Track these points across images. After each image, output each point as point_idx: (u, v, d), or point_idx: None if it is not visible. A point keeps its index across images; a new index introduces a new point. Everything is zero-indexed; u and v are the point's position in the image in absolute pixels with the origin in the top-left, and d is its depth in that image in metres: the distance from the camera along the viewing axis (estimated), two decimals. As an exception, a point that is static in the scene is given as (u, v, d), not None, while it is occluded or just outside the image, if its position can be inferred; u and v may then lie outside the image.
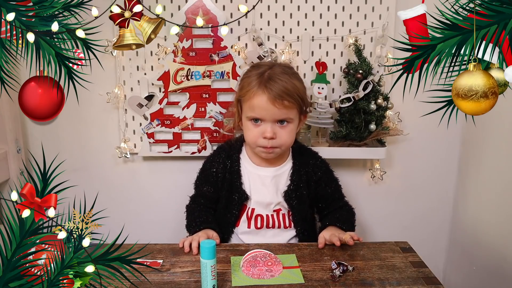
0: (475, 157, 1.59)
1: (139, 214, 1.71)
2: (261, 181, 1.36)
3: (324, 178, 1.40)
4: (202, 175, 1.42)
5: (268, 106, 1.24)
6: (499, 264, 1.39)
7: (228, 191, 1.35)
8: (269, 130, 1.26)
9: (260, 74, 1.27)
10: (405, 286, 1.03)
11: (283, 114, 1.26)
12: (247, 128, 1.31)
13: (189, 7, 1.48)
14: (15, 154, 1.55)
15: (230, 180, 1.36)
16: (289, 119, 1.28)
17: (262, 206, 1.35)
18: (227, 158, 1.38)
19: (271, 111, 1.25)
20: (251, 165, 1.37)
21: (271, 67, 1.29)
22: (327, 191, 1.40)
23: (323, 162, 1.43)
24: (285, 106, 1.24)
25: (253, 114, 1.27)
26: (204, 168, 1.43)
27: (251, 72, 1.31)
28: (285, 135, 1.28)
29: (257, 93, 1.25)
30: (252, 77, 1.28)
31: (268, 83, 1.24)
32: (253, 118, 1.28)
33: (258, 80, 1.26)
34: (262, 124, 1.28)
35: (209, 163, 1.42)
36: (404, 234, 1.45)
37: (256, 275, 1.07)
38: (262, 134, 1.27)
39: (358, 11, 1.53)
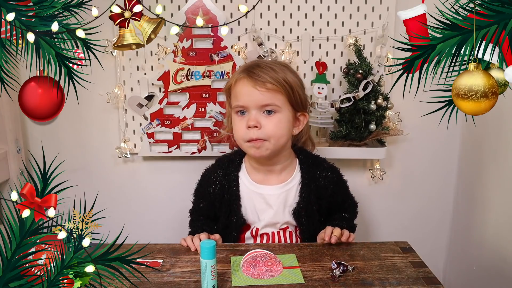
0: (475, 157, 1.59)
1: (139, 214, 1.71)
2: (264, 201, 1.27)
3: (335, 189, 1.32)
4: (200, 190, 1.35)
5: (250, 90, 1.17)
6: (499, 264, 1.39)
7: (226, 213, 1.28)
8: (252, 118, 1.17)
9: (248, 64, 1.24)
10: (405, 286, 1.03)
11: (267, 99, 1.17)
12: (235, 123, 1.23)
13: (189, 7, 1.48)
14: (15, 154, 1.55)
15: (228, 202, 1.28)
16: (275, 106, 1.18)
17: (266, 225, 1.28)
18: (224, 177, 1.29)
19: (253, 95, 1.17)
20: (253, 184, 1.28)
21: (262, 60, 1.27)
22: (338, 200, 1.34)
23: (335, 172, 1.34)
24: (268, 89, 1.16)
25: (236, 103, 1.20)
26: (201, 183, 1.35)
27: (240, 67, 1.29)
28: (271, 124, 1.18)
29: (239, 78, 1.20)
30: (240, 68, 1.25)
31: (253, 69, 1.19)
32: (238, 108, 1.20)
33: (243, 67, 1.22)
34: (247, 114, 1.20)
35: (206, 180, 1.33)
36: (404, 234, 1.45)
37: (256, 275, 1.06)
38: (247, 124, 1.18)
39: (358, 11, 1.53)
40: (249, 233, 1.30)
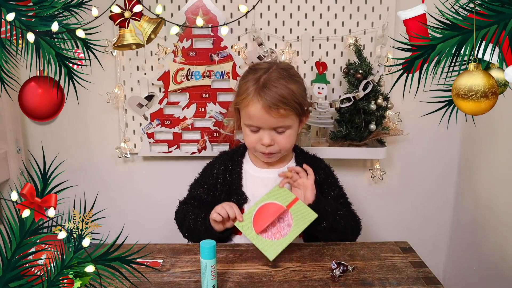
0: (475, 157, 1.59)
1: (139, 214, 1.71)
2: (263, 183, 1.30)
3: (327, 180, 1.36)
4: (201, 177, 1.40)
5: (264, 115, 1.21)
6: (499, 264, 1.39)
7: (227, 194, 1.32)
8: (266, 137, 1.24)
9: (256, 80, 1.23)
10: (405, 286, 1.03)
11: (279, 122, 1.23)
12: (246, 134, 1.29)
13: (189, 7, 1.48)
14: (15, 154, 1.55)
15: (230, 182, 1.33)
16: (287, 126, 1.25)
17: None
18: (229, 161, 1.37)
19: (267, 120, 1.22)
20: (254, 168, 1.34)
21: (268, 71, 1.25)
22: (330, 194, 1.34)
23: (327, 166, 1.40)
24: (281, 114, 1.21)
25: (250, 122, 1.25)
26: (204, 170, 1.41)
27: (247, 77, 1.27)
28: (283, 140, 1.26)
29: (252, 101, 1.22)
30: (248, 83, 1.24)
31: (263, 91, 1.20)
32: (251, 127, 1.26)
33: (254, 87, 1.22)
34: (260, 131, 1.25)
35: (210, 166, 1.40)
36: (404, 234, 1.45)
37: (277, 233, 1.11)
38: (260, 141, 1.25)
39: (358, 11, 1.53)
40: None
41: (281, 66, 1.29)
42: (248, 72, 1.31)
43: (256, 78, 1.24)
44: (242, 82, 1.28)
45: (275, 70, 1.25)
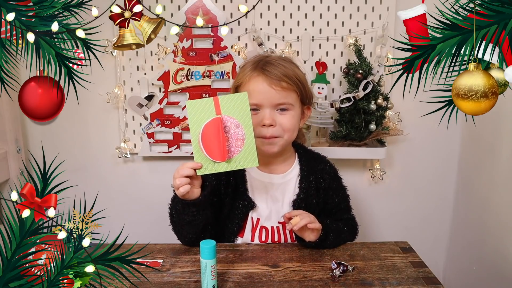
0: (475, 157, 1.59)
1: (139, 214, 1.71)
2: (265, 188, 1.26)
3: (332, 185, 1.30)
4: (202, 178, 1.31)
5: (266, 88, 1.15)
6: (499, 264, 1.39)
7: (232, 198, 1.25)
8: (268, 116, 1.16)
9: (256, 62, 1.20)
10: (405, 286, 1.03)
11: (282, 97, 1.16)
12: None
13: (189, 7, 1.48)
14: (15, 154, 1.55)
15: (235, 186, 1.25)
16: (289, 105, 1.18)
17: (266, 217, 1.25)
18: None
19: (268, 93, 1.15)
20: (256, 172, 1.27)
21: (268, 56, 1.24)
22: (334, 200, 1.30)
23: (332, 168, 1.33)
24: (284, 88, 1.15)
25: (250, 101, 1.12)
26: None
27: (246, 63, 1.24)
28: (286, 121, 1.18)
29: (252, 76, 1.17)
30: (248, 65, 1.21)
31: (265, 66, 1.17)
32: (252, 106, 1.15)
33: (254, 65, 1.19)
34: (260, 111, 1.17)
35: None
36: (404, 234, 1.45)
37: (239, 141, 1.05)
38: (261, 122, 1.17)
39: (358, 11, 1.53)
40: (250, 226, 1.25)
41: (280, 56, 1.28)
42: (247, 61, 1.27)
43: (256, 60, 1.21)
44: (242, 68, 1.24)
45: (275, 56, 1.24)
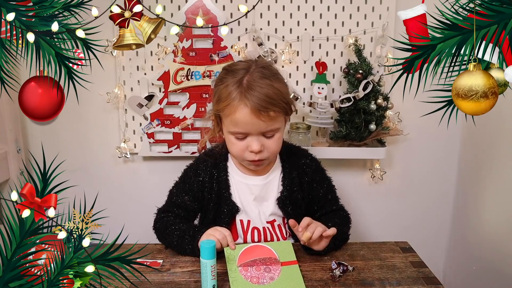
0: (475, 157, 1.59)
1: (139, 214, 1.71)
2: (249, 191, 1.26)
3: (315, 177, 1.30)
4: (184, 183, 1.29)
5: (253, 120, 1.12)
6: (499, 264, 1.39)
7: (216, 204, 1.25)
8: (255, 144, 1.15)
9: (238, 83, 1.13)
10: (405, 286, 1.03)
11: (268, 126, 1.14)
12: (231, 142, 1.19)
13: (189, 7, 1.48)
14: (15, 154, 1.55)
15: (218, 191, 1.25)
16: (276, 129, 1.17)
17: (256, 217, 1.26)
18: (214, 167, 1.27)
19: (256, 124, 1.13)
20: (239, 174, 1.27)
21: (248, 71, 1.15)
22: (319, 192, 1.31)
23: (314, 160, 1.33)
24: (271, 117, 1.13)
25: (237, 129, 1.14)
26: (187, 176, 1.30)
27: (225, 80, 1.16)
28: (272, 145, 1.18)
29: (238, 107, 1.12)
30: (230, 87, 1.14)
31: (249, 94, 1.11)
32: (238, 134, 1.16)
33: (238, 90, 1.12)
34: (248, 138, 1.16)
35: (193, 171, 1.29)
36: (404, 234, 1.45)
37: (255, 278, 1.04)
38: (249, 148, 1.16)
39: (358, 11, 1.53)
40: (240, 230, 1.26)
41: (260, 64, 1.19)
42: (225, 74, 1.19)
43: (237, 81, 1.14)
44: (221, 86, 1.16)
45: (255, 70, 1.15)
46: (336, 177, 1.67)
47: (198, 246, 1.10)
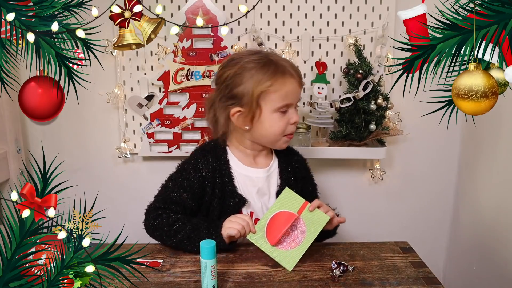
0: (475, 157, 1.59)
1: (139, 214, 1.71)
2: (253, 183, 1.26)
3: (305, 175, 1.36)
4: (182, 179, 1.24)
5: (298, 89, 1.23)
6: (499, 264, 1.39)
7: (221, 198, 1.23)
8: (296, 114, 1.23)
9: (268, 62, 1.19)
10: (405, 286, 1.03)
11: (300, 93, 1.26)
12: (274, 120, 1.20)
13: (189, 7, 1.48)
14: (15, 154, 1.55)
15: (222, 185, 1.23)
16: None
17: (259, 210, 1.26)
18: (215, 160, 1.25)
19: (297, 93, 1.23)
20: (241, 166, 1.27)
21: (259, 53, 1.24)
22: (308, 188, 1.35)
23: (303, 158, 1.39)
24: (302, 84, 1.26)
25: (286, 102, 1.19)
26: (185, 172, 1.24)
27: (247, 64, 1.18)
28: (297, 117, 1.26)
29: (287, 79, 1.19)
30: (265, 67, 1.18)
31: (286, 67, 1.20)
32: (285, 107, 1.20)
33: (273, 66, 1.18)
34: (289, 111, 1.22)
35: (192, 167, 1.24)
36: (404, 234, 1.45)
37: (293, 242, 1.11)
38: (290, 121, 1.22)
39: (358, 11, 1.53)
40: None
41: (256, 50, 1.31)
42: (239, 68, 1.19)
43: (265, 62, 1.19)
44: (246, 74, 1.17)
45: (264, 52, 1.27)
46: (336, 177, 1.67)
47: (223, 237, 1.13)
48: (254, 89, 1.17)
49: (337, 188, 1.69)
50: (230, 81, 1.20)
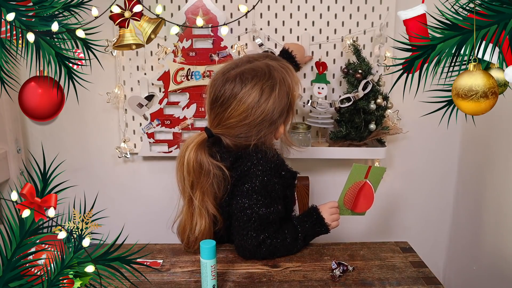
0: (475, 157, 1.59)
1: (139, 214, 1.71)
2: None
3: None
4: (270, 194, 1.15)
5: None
6: (499, 264, 1.39)
7: (292, 197, 1.27)
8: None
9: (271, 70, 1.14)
10: (405, 286, 1.03)
11: None
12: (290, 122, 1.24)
13: (189, 7, 1.48)
14: (15, 154, 1.55)
15: (293, 185, 1.25)
16: None
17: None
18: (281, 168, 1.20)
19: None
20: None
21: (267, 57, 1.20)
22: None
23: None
24: None
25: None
26: (270, 183, 1.15)
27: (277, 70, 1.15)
28: None
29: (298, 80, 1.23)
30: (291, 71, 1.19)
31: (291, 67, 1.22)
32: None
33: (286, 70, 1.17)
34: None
35: (275, 174, 1.17)
36: (404, 234, 1.45)
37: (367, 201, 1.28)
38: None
39: (358, 11, 1.53)
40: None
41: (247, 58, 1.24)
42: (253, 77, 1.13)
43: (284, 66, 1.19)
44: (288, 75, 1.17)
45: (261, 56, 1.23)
46: (336, 177, 1.67)
47: (327, 224, 1.20)
48: (288, 97, 1.16)
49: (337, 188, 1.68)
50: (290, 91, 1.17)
